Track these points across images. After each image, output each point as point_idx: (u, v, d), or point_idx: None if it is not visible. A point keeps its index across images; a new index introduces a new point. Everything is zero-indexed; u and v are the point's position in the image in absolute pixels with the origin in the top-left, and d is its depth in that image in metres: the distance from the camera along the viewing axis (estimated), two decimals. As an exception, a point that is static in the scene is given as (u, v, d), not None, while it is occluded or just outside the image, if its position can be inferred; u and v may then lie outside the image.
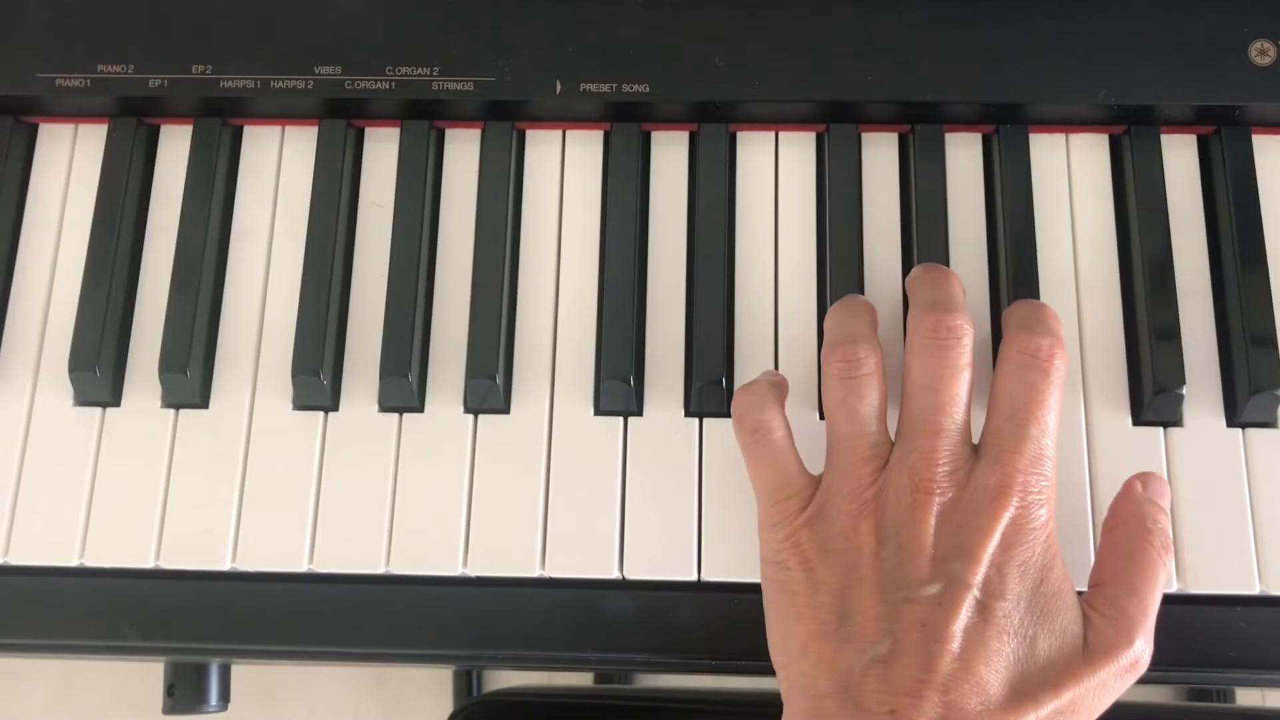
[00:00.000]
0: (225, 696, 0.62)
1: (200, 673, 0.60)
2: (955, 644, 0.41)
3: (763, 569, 0.46)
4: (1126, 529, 0.45)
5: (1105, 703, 0.43)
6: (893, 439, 0.46)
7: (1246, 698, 1.09)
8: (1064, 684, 0.41)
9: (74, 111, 0.55)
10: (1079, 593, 0.45)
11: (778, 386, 0.48)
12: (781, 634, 0.45)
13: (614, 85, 0.53)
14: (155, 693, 0.59)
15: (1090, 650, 0.42)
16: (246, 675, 1.23)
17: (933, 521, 0.43)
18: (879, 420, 0.46)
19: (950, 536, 0.42)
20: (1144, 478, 0.47)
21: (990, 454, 0.44)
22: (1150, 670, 0.44)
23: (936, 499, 0.43)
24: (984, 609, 0.41)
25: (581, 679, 1.11)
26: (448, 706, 1.23)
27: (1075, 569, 0.47)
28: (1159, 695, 1.06)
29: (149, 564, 0.50)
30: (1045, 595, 0.42)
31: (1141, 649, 0.43)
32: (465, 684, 1.23)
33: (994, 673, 0.41)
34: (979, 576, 0.42)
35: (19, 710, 1.29)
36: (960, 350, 0.45)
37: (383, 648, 0.50)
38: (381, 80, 0.53)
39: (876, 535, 0.43)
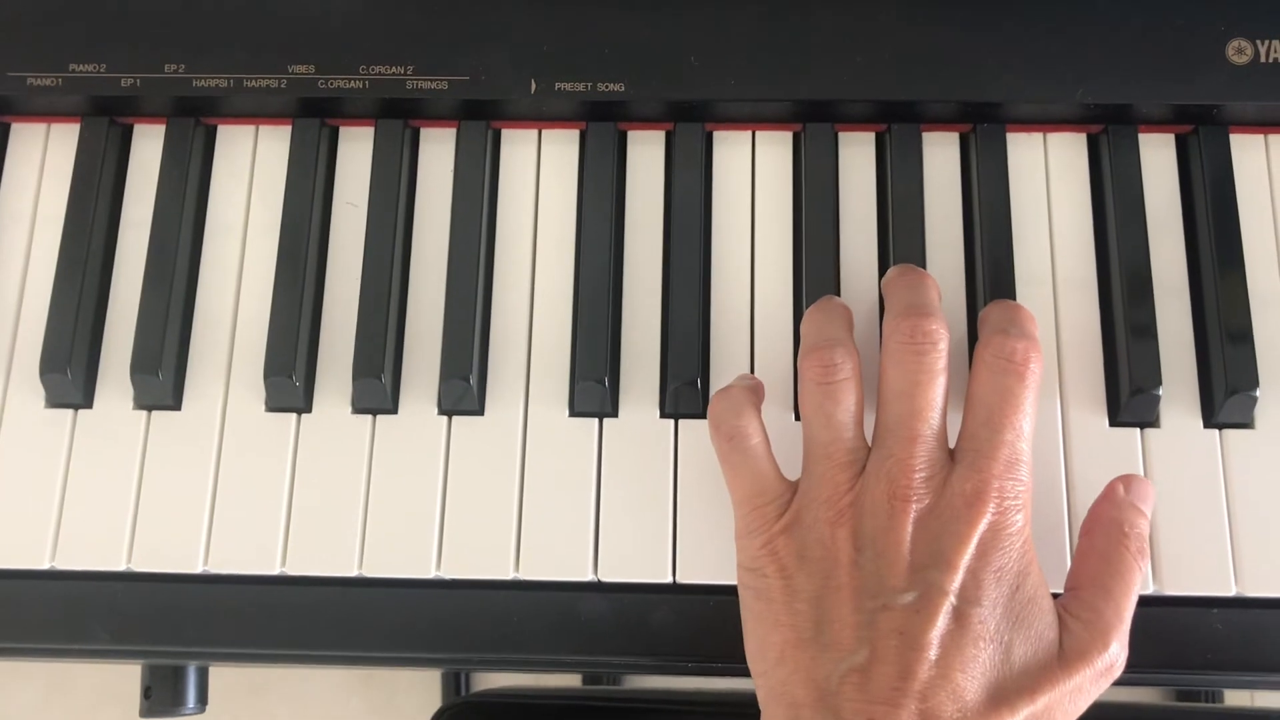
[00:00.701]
0: (203, 698, 0.61)
1: (177, 674, 0.60)
2: (932, 651, 0.41)
3: (739, 576, 0.46)
4: (1104, 532, 0.45)
5: (1081, 706, 0.43)
6: (869, 443, 0.46)
7: (1235, 697, 1.09)
8: (1039, 689, 0.41)
9: (46, 111, 0.55)
10: (1055, 595, 0.44)
11: (754, 391, 0.48)
12: (759, 641, 0.44)
13: (589, 84, 0.52)
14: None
15: (1065, 655, 0.42)
16: (234, 673, 1.23)
17: (910, 529, 0.43)
18: (856, 425, 0.45)
19: (927, 543, 0.42)
20: (1127, 480, 0.46)
21: (966, 459, 0.44)
22: (1127, 672, 0.44)
23: (913, 505, 0.43)
24: (961, 615, 0.41)
25: (570, 680, 1.11)
26: (435, 705, 1.23)
27: (1051, 570, 0.47)
28: (1149, 695, 1.06)
29: (121, 567, 0.50)
30: (1021, 601, 0.42)
31: (1116, 653, 0.43)
32: (453, 683, 1.23)
33: (970, 679, 0.41)
34: (956, 583, 0.42)
35: (11, 709, 1.29)
36: (936, 355, 0.45)
37: (357, 650, 0.50)
38: (356, 79, 0.53)
39: (854, 543, 0.43)
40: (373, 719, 1.28)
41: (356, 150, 0.55)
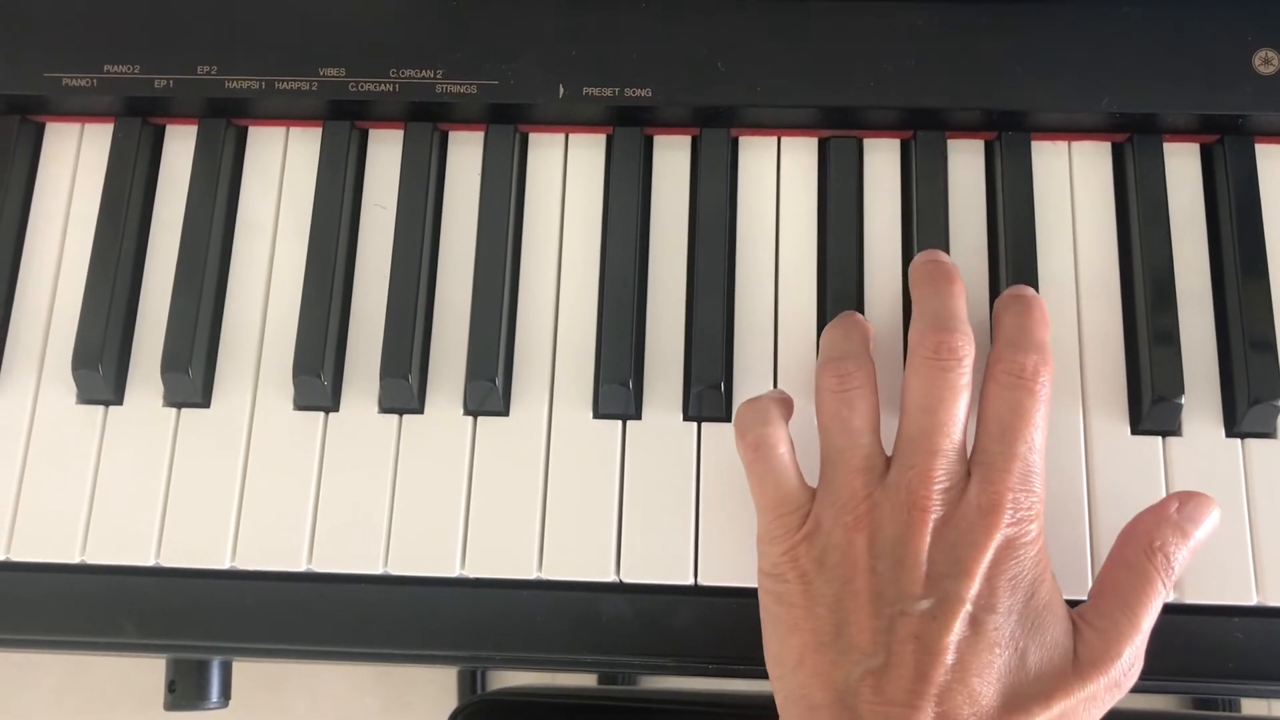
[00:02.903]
0: (226, 693, 0.62)
1: (201, 669, 0.61)
2: (949, 656, 0.41)
3: (760, 580, 0.46)
4: (1134, 543, 0.45)
5: (1095, 715, 0.43)
6: (887, 452, 0.46)
7: (1253, 706, 1.08)
8: (1054, 696, 0.42)
9: (80, 111, 0.56)
10: (1076, 602, 0.45)
11: (782, 403, 0.48)
12: (778, 644, 0.45)
13: (616, 89, 0.53)
14: (162, 684, 0.60)
15: (1080, 663, 0.42)
16: (252, 667, 1.23)
17: (928, 538, 0.43)
18: (871, 432, 0.46)
19: (944, 552, 0.43)
20: (1184, 497, 0.46)
21: (981, 472, 0.44)
22: (1147, 680, 0.44)
23: (931, 516, 0.43)
24: (976, 622, 0.42)
25: (586, 679, 1.11)
26: (451, 702, 1.24)
27: (1071, 577, 0.47)
28: (1166, 702, 1.06)
29: (150, 562, 0.50)
30: (1035, 608, 0.43)
31: (1129, 663, 0.43)
32: (469, 680, 1.23)
33: (986, 684, 0.41)
34: (972, 591, 0.42)
35: (29, 700, 1.30)
36: (960, 371, 0.45)
37: (380, 648, 0.50)
38: (385, 82, 0.53)
39: (870, 549, 0.44)
40: (387, 716, 1.29)
41: (386, 152, 0.55)
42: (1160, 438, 0.50)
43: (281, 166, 0.55)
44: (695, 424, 0.51)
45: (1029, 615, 0.43)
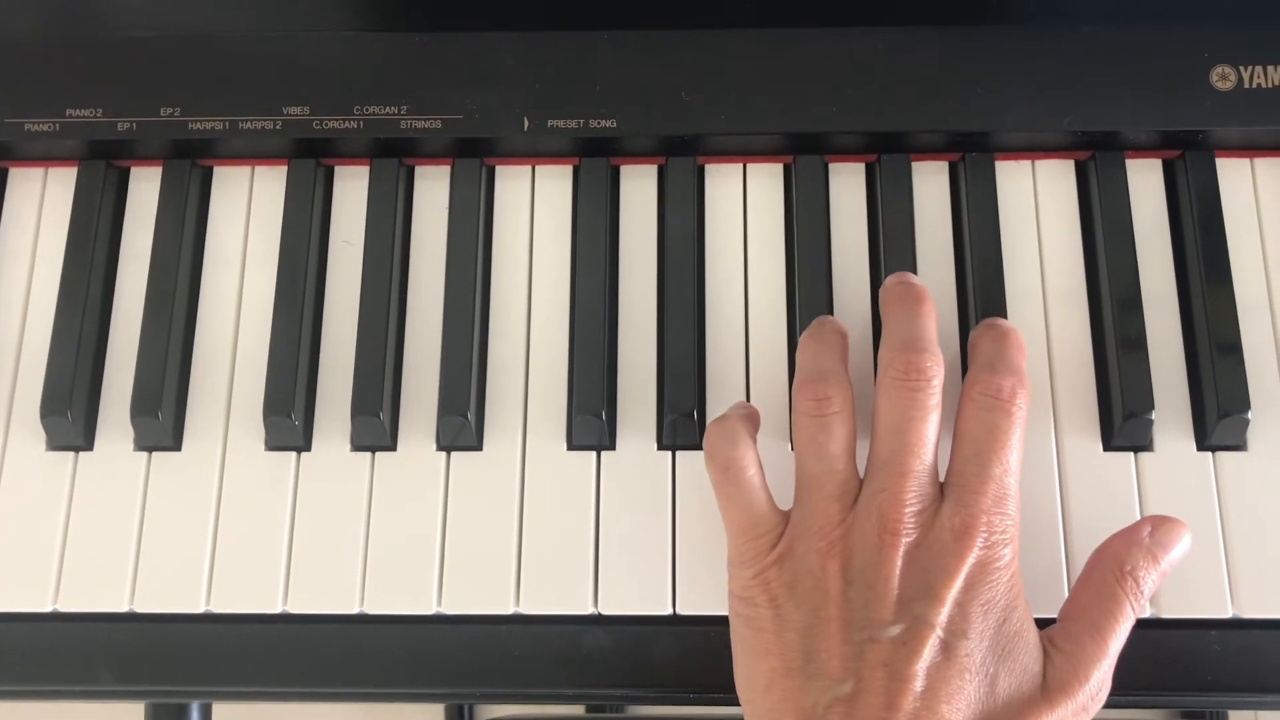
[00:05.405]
0: (206, 735, 0.62)
1: (181, 712, 0.60)
2: (917, 683, 0.41)
3: (731, 604, 0.46)
4: (1104, 566, 0.45)
5: None
6: (861, 475, 0.46)
7: (1240, 715, 1.09)
8: None
9: (43, 155, 0.55)
10: (1049, 619, 0.45)
11: (749, 420, 0.48)
12: (748, 669, 0.45)
13: (581, 121, 0.53)
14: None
15: (1048, 687, 0.42)
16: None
17: (899, 563, 0.43)
18: (848, 457, 0.46)
19: (915, 577, 0.43)
20: (1157, 521, 0.46)
21: (954, 494, 0.44)
22: (1127, 694, 0.44)
23: (903, 540, 0.43)
24: (947, 648, 0.42)
25: (573, 707, 1.11)
26: (439, 732, 1.23)
27: (1047, 597, 0.47)
28: (1151, 714, 1.06)
29: (124, 608, 0.50)
30: (1007, 634, 0.43)
31: (1096, 687, 0.43)
32: (457, 709, 1.22)
33: (955, 711, 0.41)
34: (942, 616, 0.42)
35: (14, 738, 1.29)
36: (929, 392, 0.45)
37: (359, 687, 0.50)
38: (350, 120, 0.53)
39: (844, 575, 0.43)
40: (375, 745, 1.28)
41: (352, 189, 0.55)
42: (1132, 453, 0.50)
43: (247, 206, 0.55)
44: (670, 453, 0.51)
45: (1000, 641, 0.42)
